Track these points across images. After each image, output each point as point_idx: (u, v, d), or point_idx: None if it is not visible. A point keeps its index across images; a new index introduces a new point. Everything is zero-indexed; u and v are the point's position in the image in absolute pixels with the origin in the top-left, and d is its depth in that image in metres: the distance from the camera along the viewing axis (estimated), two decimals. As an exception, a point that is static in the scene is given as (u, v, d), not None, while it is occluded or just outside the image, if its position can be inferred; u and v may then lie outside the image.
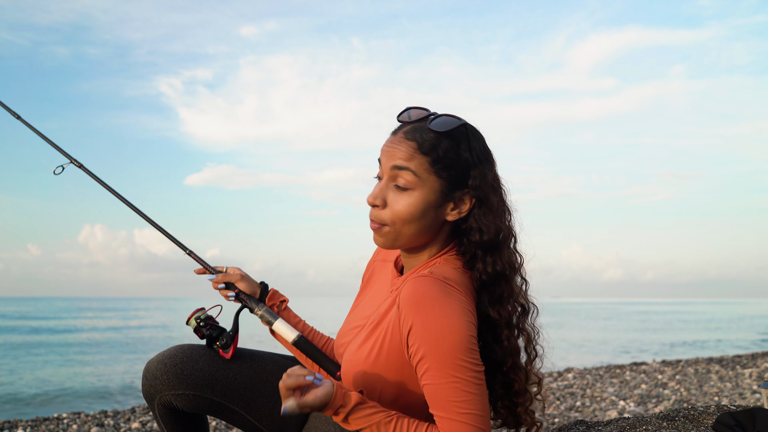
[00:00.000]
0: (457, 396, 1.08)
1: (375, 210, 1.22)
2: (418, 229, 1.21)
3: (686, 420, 1.90)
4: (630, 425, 1.86)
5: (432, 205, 1.20)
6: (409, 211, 1.19)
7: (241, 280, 1.56)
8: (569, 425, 2.12)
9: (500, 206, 1.24)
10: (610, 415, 4.85)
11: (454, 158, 1.19)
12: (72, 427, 4.22)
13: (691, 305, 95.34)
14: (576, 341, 19.31)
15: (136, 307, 63.38)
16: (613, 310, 65.01)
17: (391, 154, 1.21)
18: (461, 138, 1.21)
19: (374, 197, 1.22)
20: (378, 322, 1.25)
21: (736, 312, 56.03)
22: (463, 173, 1.21)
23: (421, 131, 1.20)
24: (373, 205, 1.22)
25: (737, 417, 1.68)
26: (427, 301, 1.09)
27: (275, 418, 1.51)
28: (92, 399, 8.47)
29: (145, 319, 36.83)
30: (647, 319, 38.42)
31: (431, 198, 1.19)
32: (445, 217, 1.23)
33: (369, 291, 1.44)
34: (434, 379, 1.09)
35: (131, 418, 4.61)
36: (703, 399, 5.70)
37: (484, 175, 1.22)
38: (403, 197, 1.19)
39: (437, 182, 1.19)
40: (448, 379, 1.07)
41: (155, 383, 1.42)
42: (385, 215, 1.21)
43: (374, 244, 1.26)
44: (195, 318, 1.51)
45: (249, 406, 1.48)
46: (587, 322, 35.34)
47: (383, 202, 1.21)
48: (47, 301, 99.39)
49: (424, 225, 1.21)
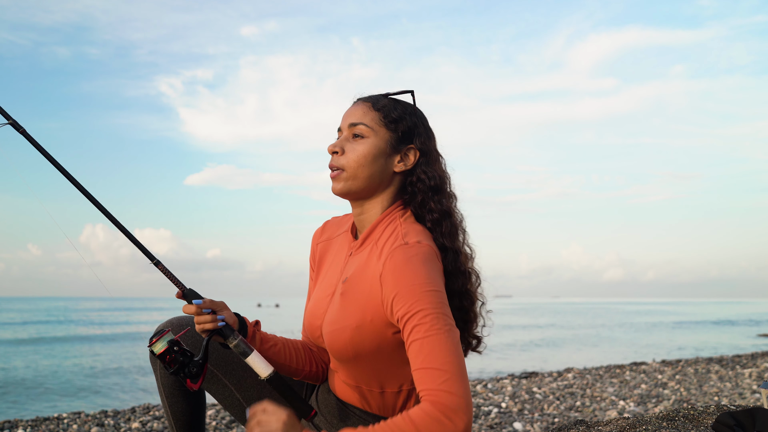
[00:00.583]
0: (442, 347, 1.17)
1: (335, 156, 1.41)
2: (371, 173, 1.39)
3: (686, 420, 1.91)
4: (630, 425, 1.86)
5: (383, 153, 1.40)
6: (363, 155, 1.38)
7: (226, 308, 1.40)
8: (569, 425, 2.12)
9: (440, 161, 1.46)
10: (610, 415, 4.85)
11: (402, 116, 1.42)
12: (72, 427, 4.22)
13: (692, 305, 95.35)
14: (576, 341, 19.32)
15: (138, 307, 63.42)
16: (614, 310, 65.06)
17: (349, 113, 1.43)
18: (409, 106, 1.46)
19: (334, 146, 1.41)
20: (353, 284, 1.35)
21: (736, 312, 56.05)
22: (409, 130, 1.42)
23: (376, 97, 1.45)
24: (333, 152, 1.41)
25: (737, 417, 1.69)
26: (408, 267, 1.25)
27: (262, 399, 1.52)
28: (93, 399, 8.48)
29: (146, 319, 36.83)
30: (648, 319, 38.43)
31: (382, 146, 1.40)
32: (393, 168, 1.42)
33: (324, 267, 1.53)
34: (420, 333, 1.18)
35: (131, 418, 4.62)
36: (702, 399, 5.71)
37: (428, 136, 1.45)
38: (359, 144, 1.39)
39: (387, 134, 1.40)
40: (433, 332, 1.17)
41: (166, 325, 1.51)
42: (343, 160, 1.39)
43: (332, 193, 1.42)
44: (166, 340, 1.32)
45: (239, 384, 1.53)
46: (587, 321, 35.35)
47: (342, 150, 1.40)
48: (48, 300, 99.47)
49: (376, 170, 1.39)
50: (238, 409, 1.55)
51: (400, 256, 1.26)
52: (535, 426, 4.26)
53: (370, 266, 1.33)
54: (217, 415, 4.55)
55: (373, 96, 1.45)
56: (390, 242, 1.33)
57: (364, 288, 1.32)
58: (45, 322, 31.42)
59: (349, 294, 1.35)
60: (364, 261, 1.36)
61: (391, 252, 1.28)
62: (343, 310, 1.34)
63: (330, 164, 1.41)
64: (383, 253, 1.31)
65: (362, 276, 1.34)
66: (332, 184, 1.41)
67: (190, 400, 1.55)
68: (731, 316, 45.23)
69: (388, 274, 1.26)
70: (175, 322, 1.53)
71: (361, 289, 1.32)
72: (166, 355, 1.32)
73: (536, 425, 4.30)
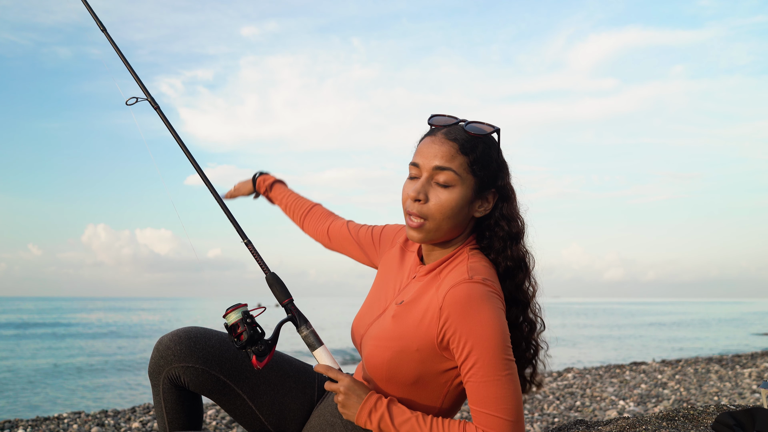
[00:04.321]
0: (498, 392, 1.19)
1: (417, 204, 1.31)
2: (455, 224, 1.33)
3: (686, 420, 1.91)
4: (630, 425, 1.86)
5: (467, 202, 1.32)
6: (450, 206, 1.30)
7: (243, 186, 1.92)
8: (569, 425, 2.12)
9: (516, 200, 1.40)
10: (610, 415, 4.85)
11: (488, 160, 1.33)
12: (72, 427, 4.22)
13: (692, 305, 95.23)
14: (576, 341, 19.31)
15: (139, 307, 63.42)
16: (614, 310, 65.02)
17: (432, 154, 1.31)
18: (492, 142, 1.35)
19: (417, 192, 1.30)
20: (407, 310, 1.34)
21: (736, 312, 55.99)
22: (493, 174, 1.35)
23: (460, 133, 1.32)
24: (416, 199, 1.31)
25: (737, 417, 1.69)
26: (473, 306, 1.22)
27: (275, 408, 1.52)
28: (93, 398, 8.48)
29: (147, 319, 36.83)
30: (648, 319, 38.40)
31: (468, 195, 1.31)
32: (473, 213, 1.35)
33: (389, 276, 1.50)
34: (478, 377, 1.20)
35: (131, 417, 4.61)
36: (702, 399, 5.70)
37: (508, 176, 1.38)
38: (445, 193, 1.30)
39: (473, 180, 1.31)
40: (493, 377, 1.19)
41: (167, 354, 1.46)
42: (427, 209, 1.30)
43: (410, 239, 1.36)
44: (241, 311, 1.33)
45: (252, 392, 1.51)
46: (588, 321, 35.33)
47: (426, 198, 1.30)
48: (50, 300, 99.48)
49: (460, 220, 1.33)
50: (250, 418, 1.52)
51: (463, 293, 1.23)
52: (535, 426, 4.26)
53: (427, 296, 1.31)
54: (217, 415, 4.55)
55: (455, 129, 1.33)
56: (452, 275, 1.30)
57: (416, 316, 1.30)
58: (46, 321, 31.42)
59: (400, 318, 1.33)
60: (422, 289, 1.34)
61: (454, 286, 1.25)
62: (391, 330, 1.33)
63: (411, 211, 1.32)
64: (443, 286, 1.28)
65: (417, 304, 1.32)
66: (411, 231, 1.34)
67: (190, 413, 1.53)
68: (731, 316, 45.18)
69: (450, 308, 1.23)
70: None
71: (414, 317, 1.31)
72: (237, 327, 1.31)
73: (536, 425, 4.30)
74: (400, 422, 1.26)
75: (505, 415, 1.19)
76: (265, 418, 1.52)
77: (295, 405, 1.54)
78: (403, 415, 1.26)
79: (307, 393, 1.56)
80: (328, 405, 1.50)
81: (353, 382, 1.31)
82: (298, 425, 1.54)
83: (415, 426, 1.25)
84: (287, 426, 1.53)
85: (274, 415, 1.52)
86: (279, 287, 1.43)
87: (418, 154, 1.34)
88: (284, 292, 1.42)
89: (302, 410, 1.54)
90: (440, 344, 1.26)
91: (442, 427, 1.24)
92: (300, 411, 1.54)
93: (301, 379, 1.57)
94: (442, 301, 1.25)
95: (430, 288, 1.33)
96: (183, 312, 49.70)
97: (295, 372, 1.57)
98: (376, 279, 1.55)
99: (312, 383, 1.59)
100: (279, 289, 1.42)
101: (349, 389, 1.30)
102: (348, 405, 1.29)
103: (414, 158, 1.35)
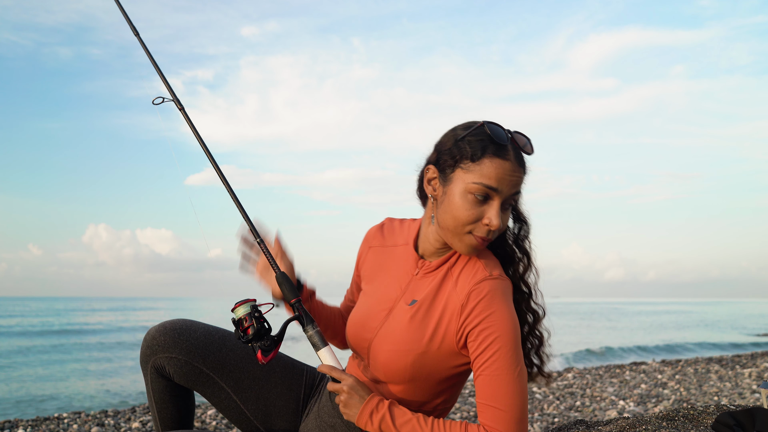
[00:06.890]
0: (507, 388, 1.23)
1: (497, 231, 1.29)
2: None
3: (686, 420, 1.91)
4: (630, 425, 1.86)
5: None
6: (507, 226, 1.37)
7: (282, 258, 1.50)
8: (569, 425, 2.12)
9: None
10: (610, 415, 4.85)
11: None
12: (72, 427, 4.23)
13: (693, 305, 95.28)
14: (576, 341, 19.31)
15: (140, 307, 63.44)
16: (615, 310, 65.02)
17: (513, 183, 1.28)
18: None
19: (505, 223, 1.30)
20: (424, 309, 1.34)
21: (736, 312, 56.01)
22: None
23: (524, 158, 1.32)
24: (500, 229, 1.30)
25: (737, 417, 1.69)
26: (495, 301, 1.26)
27: (260, 403, 1.52)
28: (93, 398, 8.48)
29: (147, 319, 36.85)
30: (648, 319, 38.41)
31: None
32: None
33: (382, 275, 1.47)
34: (491, 370, 1.23)
35: (131, 417, 4.62)
36: (702, 399, 5.71)
37: None
38: (508, 214, 1.33)
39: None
40: (505, 371, 1.23)
41: (152, 344, 1.48)
42: (497, 232, 1.30)
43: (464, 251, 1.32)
44: (250, 305, 1.33)
45: (237, 386, 1.51)
46: (588, 321, 35.34)
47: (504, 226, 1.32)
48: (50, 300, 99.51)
49: None
50: (235, 412, 1.53)
51: (487, 289, 1.27)
52: (535, 426, 4.26)
53: (444, 293, 1.33)
54: (217, 415, 4.55)
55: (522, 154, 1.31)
56: (468, 271, 1.32)
57: (435, 315, 1.32)
58: (46, 322, 31.43)
59: (418, 318, 1.33)
60: (437, 286, 1.35)
61: (478, 283, 1.28)
62: (410, 333, 1.33)
63: (489, 237, 1.29)
64: (462, 282, 1.31)
65: (435, 302, 1.33)
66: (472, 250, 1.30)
67: (179, 406, 1.53)
68: (731, 316, 45.19)
69: (474, 304, 1.26)
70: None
71: (433, 316, 1.32)
72: (245, 321, 1.32)
73: (536, 425, 4.30)
74: (401, 423, 1.26)
75: (512, 412, 1.22)
76: (250, 412, 1.52)
77: (280, 401, 1.54)
78: (404, 416, 1.27)
79: (293, 389, 1.56)
80: (325, 406, 1.49)
81: (356, 382, 1.31)
82: (284, 421, 1.53)
83: (416, 427, 1.26)
84: (273, 421, 1.53)
85: (259, 410, 1.52)
86: (288, 286, 1.43)
87: (496, 179, 1.25)
88: (293, 291, 1.42)
89: (288, 406, 1.54)
90: (459, 341, 1.28)
91: (443, 427, 1.25)
92: (286, 407, 1.54)
93: (287, 375, 1.56)
94: (465, 298, 1.28)
95: (446, 285, 1.34)
96: (184, 312, 49.70)
97: (281, 367, 1.57)
98: (366, 281, 1.53)
99: (299, 380, 1.58)
100: (288, 288, 1.43)
101: (352, 390, 1.30)
102: (350, 405, 1.30)
103: (491, 182, 1.25)
